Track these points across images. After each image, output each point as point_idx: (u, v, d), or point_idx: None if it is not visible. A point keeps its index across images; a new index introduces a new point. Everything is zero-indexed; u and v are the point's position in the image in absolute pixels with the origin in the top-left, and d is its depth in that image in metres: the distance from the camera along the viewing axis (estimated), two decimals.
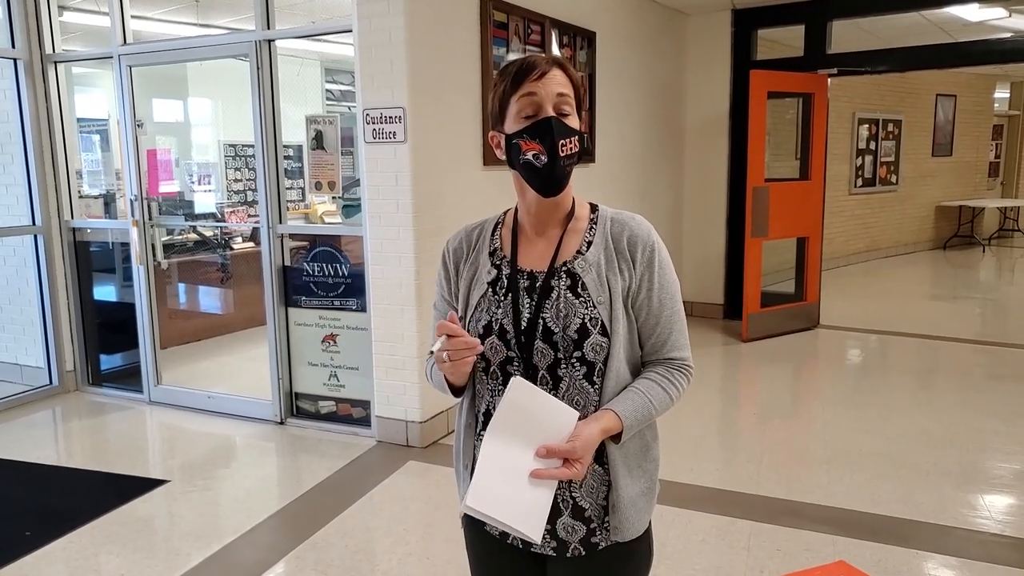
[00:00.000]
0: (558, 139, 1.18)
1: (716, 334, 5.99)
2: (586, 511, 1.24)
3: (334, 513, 3.06)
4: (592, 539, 1.25)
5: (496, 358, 1.25)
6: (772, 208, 5.56)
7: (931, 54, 5.81)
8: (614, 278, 1.23)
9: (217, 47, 4.23)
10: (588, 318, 1.21)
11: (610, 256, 1.24)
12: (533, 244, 1.29)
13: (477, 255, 1.33)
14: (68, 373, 4.72)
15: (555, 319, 1.21)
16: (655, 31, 5.88)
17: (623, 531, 1.25)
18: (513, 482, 1.13)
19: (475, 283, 1.31)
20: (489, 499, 1.13)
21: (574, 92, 1.22)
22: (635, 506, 1.26)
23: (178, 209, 5.21)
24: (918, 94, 10.05)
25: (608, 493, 1.25)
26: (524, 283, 1.26)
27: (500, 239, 1.33)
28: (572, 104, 1.21)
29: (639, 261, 1.24)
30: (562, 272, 1.24)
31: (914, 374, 5.04)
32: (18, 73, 4.45)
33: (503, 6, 4.02)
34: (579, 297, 1.22)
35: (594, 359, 1.22)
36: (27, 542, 2.85)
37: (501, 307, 1.26)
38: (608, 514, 1.25)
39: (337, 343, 3.96)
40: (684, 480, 3.31)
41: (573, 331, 1.20)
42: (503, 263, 1.30)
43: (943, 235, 10.86)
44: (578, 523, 1.25)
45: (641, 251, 1.24)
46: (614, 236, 1.26)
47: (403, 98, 3.45)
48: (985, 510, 3.01)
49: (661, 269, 1.25)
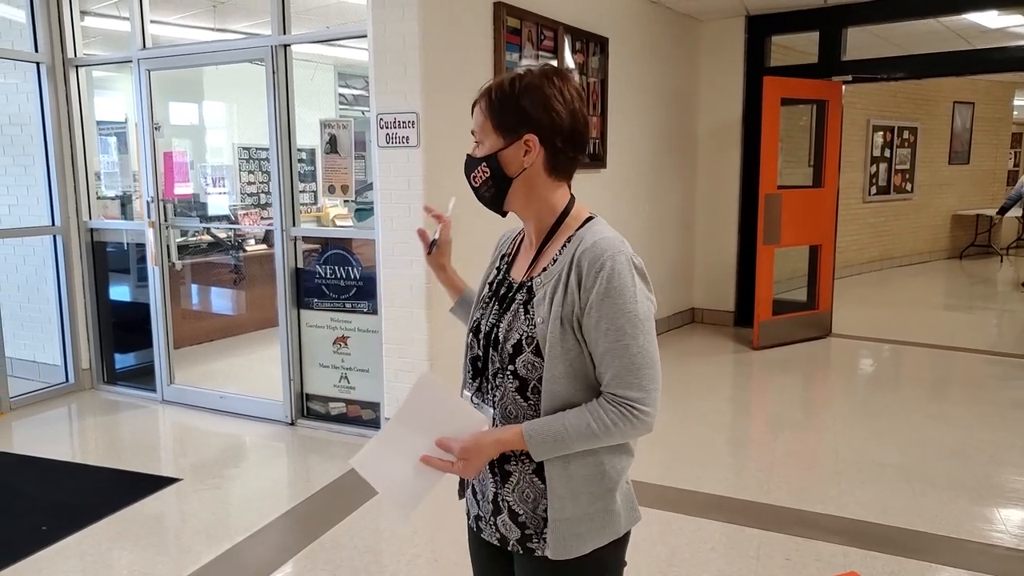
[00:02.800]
0: (468, 174, 1.33)
1: (727, 342, 5.96)
2: (520, 516, 1.27)
3: (343, 514, 3.08)
4: (528, 544, 1.27)
5: (470, 353, 1.35)
6: (784, 215, 5.53)
7: (949, 61, 5.77)
8: (559, 300, 1.20)
9: (234, 51, 4.28)
10: (526, 336, 1.23)
11: (562, 276, 1.21)
12: (525, 255, 1.35)
13: (497, 254, 1.45)
14: (84, 371, 4.77)
15: (504, 331, 1.26)
16: (668, 37, 5.88)
17: (554, 549, 1.24)
18: (402, 460, 1.25)
19: (484, 280, 1.42)
20: (372, 466, 1.28)
21: (488, 117, 1.28)
22: (573, 530, 1.23)
23: (193, 211, 5.27)
24: (935, 101, 9.96)
25: (548, 507, 1.25)
26: (503, 291, 1.33)
27: (513, 244, 1.42)
28: (486, 131, 1.29)
29: (586, 287, 1.18)
30: (526, 287, 1.28)
31: (927, 385, 5.00)
32: (40, 77, 4.52)
33: (517, 12, 4.04)
34: (527, 314, 1.24)
35: (527, 376, 1.23)
36: (44, 536, 2.89)
37: (484, 309, 1.35)
38: (547, 526, 1.25)
39: (348, 345, 3.98)
40: (694, 488, 3.30)
41: (510, 346, 1.25)
42: (503, 268, 1.40)
43: (959, 244, 10.75)
44: (514, 525, 1.28)
45: (586, 274, 1.18)
46: (577, 258, 1.20)
47: (416, 103, 3.48)
48: (1001, 523, 2.97)
49: (611, 300, 1.16)
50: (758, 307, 5.68)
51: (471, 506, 1.39)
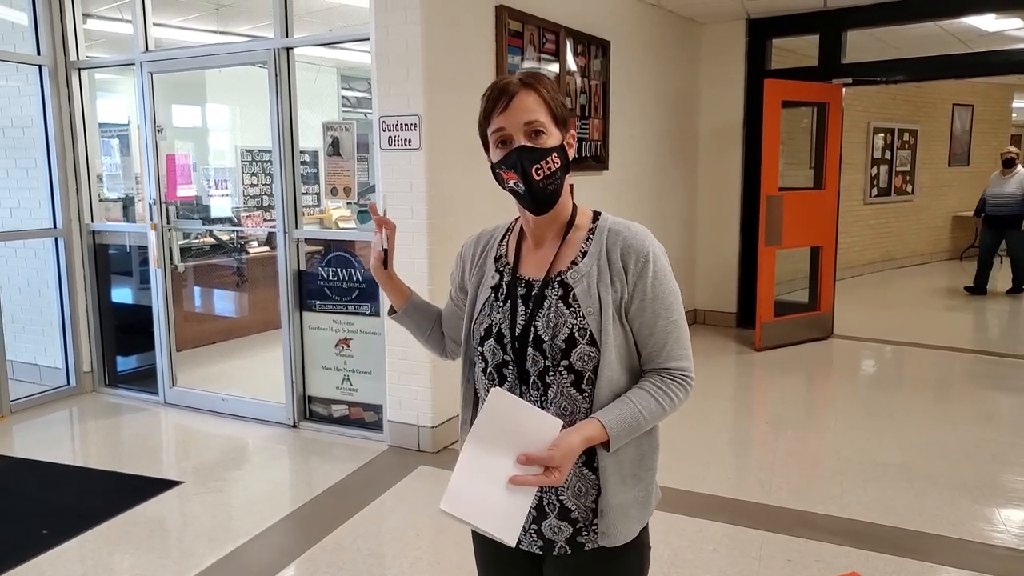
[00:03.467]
0: (529, 167, 1.22)
1: (729, 343, 5.96)
2: (572, 512, 1.27)
3: (346, 517, 3.08)
4: (578, 538, 1.27)
5: (493, 360, 1.30)
6: (786, 217, 5.54)
7: (948, 64, 5.78)
8: (604, 290, 1.24)
9: (237, 54, 4.29)
10: (577, 328, 1.23)
11: (603, 267, 1.26)
12: (533, 253, 1.33)
13: (485, 259, 1.39)
14: (85, 374, 4.78)
15: (546, 328, 1.25)
16: (670, 40, 5.90)
17: (610, 536, 1.26)
18: (490, 486, 1.16)
19: (481, 287, 1.37)
20: (463, 502, 1.15)
21: (548, 108, 1.24)
22: (625, 513, 1.27)
23: (195, 213, 5.27)
24: (934, 104, 9.98)
25: (598, 497, 1.26)
26: (522, 291, 1.30)
27: (507, 246, 1.38)
28: (546, 122, 1.23)
29: (631, 272, 1.25)
30: (556, 282, 1.27)
31: (929, 385, 5.00)
32: (43, 79, 4.53)
33: (518, 15, 4.05)
34: (570, 307, 1.24)
35: (582, 368, 1.24)
36: (44, 540, 2.89)
37: (500, 312, 1.31)
38: (597, 517, 1.26)
39: (350, 347, 3.99)
40: (695, 489, 3.30)
41: (561, 340, 1.23)
42: (505, 270, 1.35)
43: (959, 245, 10.75)
44: (564, 523, 1.27)
45: (634, 262, 1.25)
46: (608, 247, 1.27)
47: (419, 106, 3.49)
48: (1001, 524, 2.97)
49: (656, 279, 1.25)
50: (760, 308, 5.68)
51: None
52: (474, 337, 1.35)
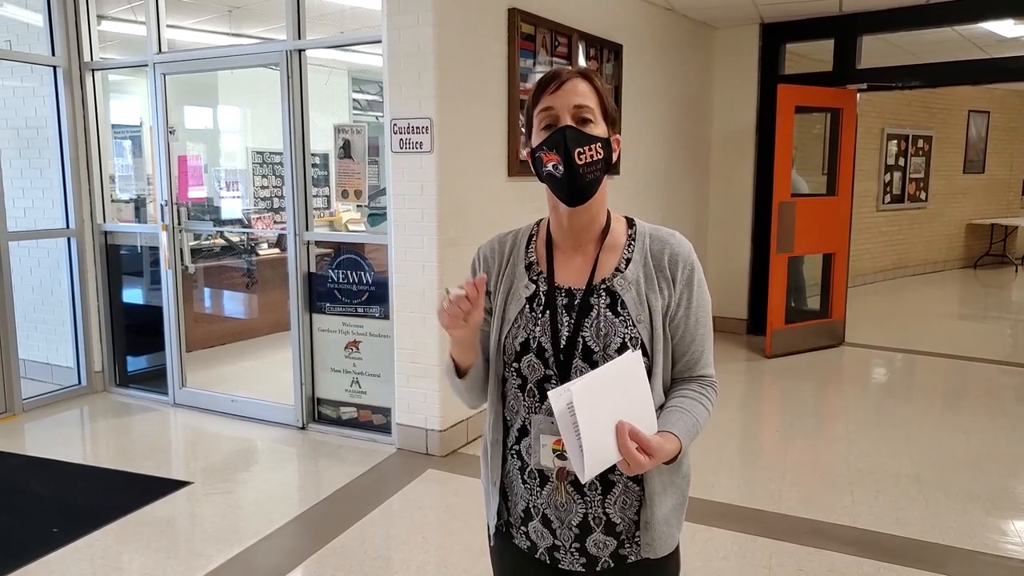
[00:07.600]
0: (573, 148, 1.16)
1: (740, 349, 5.93)
2: (617, 526, 1.24)
3: (353, 519, 3.07)
4: (621, 551, 1.24)
5: (533, 376, 1.22)
6: (798, 224, 5.50)
7: (964, 70, 5.72)
8: (654, 297, 1.22)
9: (249, 56, 4.30)
10: (628, 337, 1.19)
11: (650, 274, 1.23)
12: (570, 260, 1.27)
13: (513, 268, 1.29)
14: (96, 374, 4.80)
15: (595, 338, 1.19)
16: (682, 44, 5.87)
17: (655, 548, 1.24)
18: (604, 412, 1.07)
19: (511, 298, 1.27)
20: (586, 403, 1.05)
21: (599, 100, 1.20)
22: (667, 523, 1.25)
23: (206, 214, 5.29)
24: (950, 110, 9.89)
25: (640, 509, 1.23)
26: (562, 300, 1.24)
27: (536, 253, 1.29)
28: (595, 112, 1.19)
29: (679, 280, 1.24)
30: (601, 290, 1.22)
31: (941, 395, 4.94)
32: (57, 80, 4.57)
33: (531, 18, 4.05)
34: (619, 316, 1.20)
35: None
36: (54, 538, 2.90)
37: (539, 324, 1.23)
38: (640, 529, 1.24)
39: (360, 350, 3.99)
40: (705, 496, 3.28)
41: (614, 350, 1.18)
42: (540, 279, 1.26)
43: (974, 253, 10.65)
44: (609, 538, 1.24)
45: (681, 270, 1.24)
46: (654, 254, 1.25)
47: (430, 109, 3.49)
48: (1016, 536, 2.93)
49: (699, 288, 1.26)
50: (771, 315, 5.64)
51: (540, 538, 1.27)
52: (507, 352, 1.25)
